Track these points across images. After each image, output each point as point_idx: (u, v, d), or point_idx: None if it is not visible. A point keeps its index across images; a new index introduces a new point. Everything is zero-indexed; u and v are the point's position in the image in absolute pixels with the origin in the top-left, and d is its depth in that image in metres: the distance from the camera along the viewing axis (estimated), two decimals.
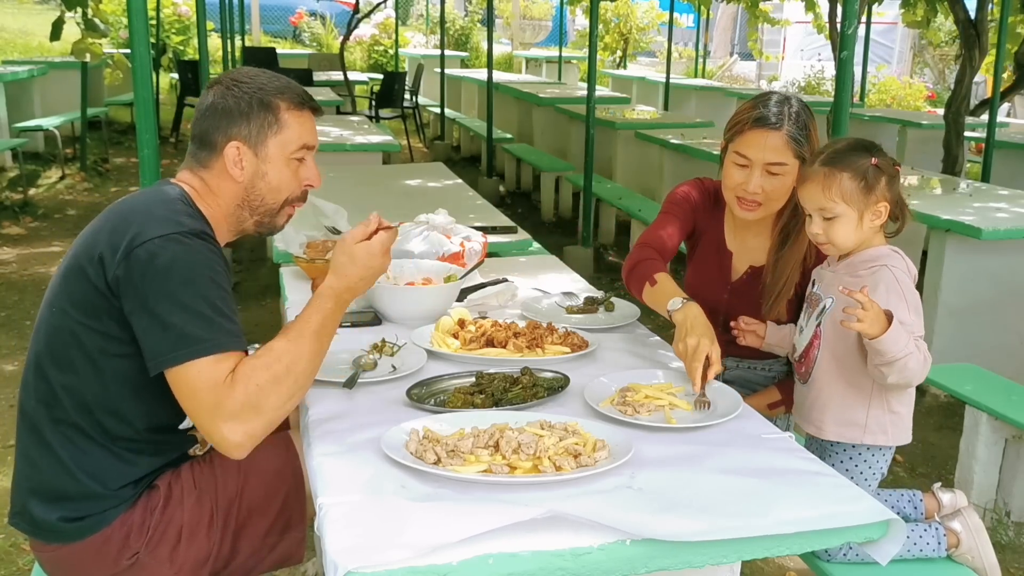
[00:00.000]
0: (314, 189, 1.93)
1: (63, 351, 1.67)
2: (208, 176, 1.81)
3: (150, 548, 1.72)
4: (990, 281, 4.16)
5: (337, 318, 1.73)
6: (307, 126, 1.86)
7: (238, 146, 1.78)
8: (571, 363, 2.04)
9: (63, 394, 1.67)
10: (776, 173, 2.17)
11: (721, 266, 2.39)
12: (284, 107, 1.82)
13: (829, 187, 1.93)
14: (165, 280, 1.58)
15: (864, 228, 1.97)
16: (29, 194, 7.65)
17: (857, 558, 1.99)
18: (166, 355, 1.56)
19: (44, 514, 1.70)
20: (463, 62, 16.50)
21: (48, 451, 1.69)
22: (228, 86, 1.81)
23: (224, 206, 1.83)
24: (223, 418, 1.54)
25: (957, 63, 7.17)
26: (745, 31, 14.19)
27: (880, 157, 1.96)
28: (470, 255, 2.64)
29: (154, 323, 1.57)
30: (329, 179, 4.32)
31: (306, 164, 1.89)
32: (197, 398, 1.55)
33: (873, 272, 1.96)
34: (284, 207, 1.88)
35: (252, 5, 17.79)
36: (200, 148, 1.82)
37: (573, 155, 7.92)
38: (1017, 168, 6.87)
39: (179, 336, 1.55)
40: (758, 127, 2.17)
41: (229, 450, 1.56)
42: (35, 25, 16.81)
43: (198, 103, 1.85)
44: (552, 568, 1.30)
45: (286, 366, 1.60)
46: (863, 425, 2.02)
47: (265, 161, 1.81)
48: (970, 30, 6.43)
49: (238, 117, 1.79)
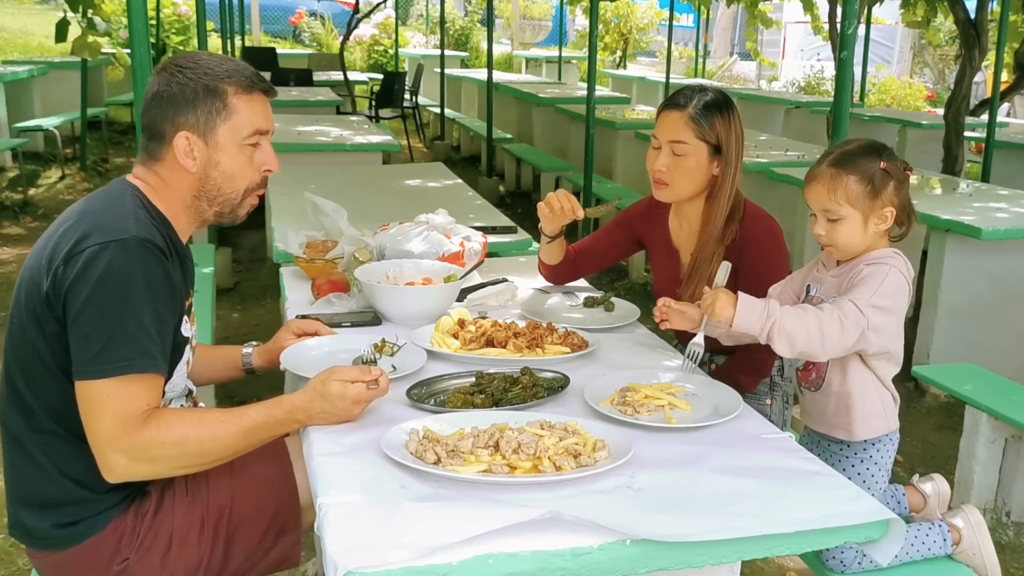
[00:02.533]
0: (273, 173, 1.85)
1: (28, 364, 1.66)
2: (161, 169, 1.75)
3: (140, 554, 1.71)
4: (990, 281, 4.16)
5: (278, 431, 1.71)
6: (258, 110, 1.78)
7: (187, 136, 1.72)
8: (571, 363, 2.04)
9: (36, 405, 1.66)
10: (678, 153, 2.29)
11: (672, 264, 2.50)
12: (232, 91, 1.73)
13: (835, 189, 1.92)
14: (96, 290, 1.55)
15: (869, 232, 1.94)
16: (29, 194, 7.64)
17: (865, 567, 1.97)
18: (81, 367, 1.55)
19: (36, 522, 1.69)
20: (463, 62, 16.50)
21: (31, 461, 1.68)
22: (173, 72, 1.73)
23: (181, 199, 1.77)
24: (118, 449, 1.56)
25: (957, 63, 7.16)
26: (745, 31, 14.19)
27: (890, 161, 1.93)
28: (470, 255, 2.64)
29: (79, 331, 1.56)
30: (329, 179, 4.33)
31: (261, 149, 1.80)
32: (98, 417, 1.55)
33: (872, 266, 1.93)
34: (245, 197, 1.82)
35: (252, 5, 17.78)
36: (150, 140, 1.76)
37: (573, 155, 7.92)
38: (1017, 168, 6.87)
39: (98, 351, 1.54)
40: (666, 109, 2.35)
41: (105, 474, 1.59)
42: (35, 25, 16.82)
43: (145, 91, 1.77)
44: (552, 568, 1.30)
45: (202, 441, 1.61)
46: (882, 414, 2.01)
47: (217, 149, 1.74)
48: (970, 30, 6.43)
49: (184, 105, 1.71)
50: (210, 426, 1.63)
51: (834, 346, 1.85)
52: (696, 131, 2.28)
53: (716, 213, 2.33)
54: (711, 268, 2.31)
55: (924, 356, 4.17)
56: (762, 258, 2.29)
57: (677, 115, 2.30)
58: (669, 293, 2.46)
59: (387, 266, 2.49)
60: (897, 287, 1.89)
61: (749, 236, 2.32)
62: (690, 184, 2.33)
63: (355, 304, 2.38)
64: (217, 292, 4.29)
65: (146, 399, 1.58)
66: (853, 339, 1.84)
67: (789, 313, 1.84)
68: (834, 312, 1.83)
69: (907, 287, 1.93)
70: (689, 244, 2.45)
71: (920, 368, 3.44)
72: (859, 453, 2.03)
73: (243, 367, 2.15)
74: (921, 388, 4.18)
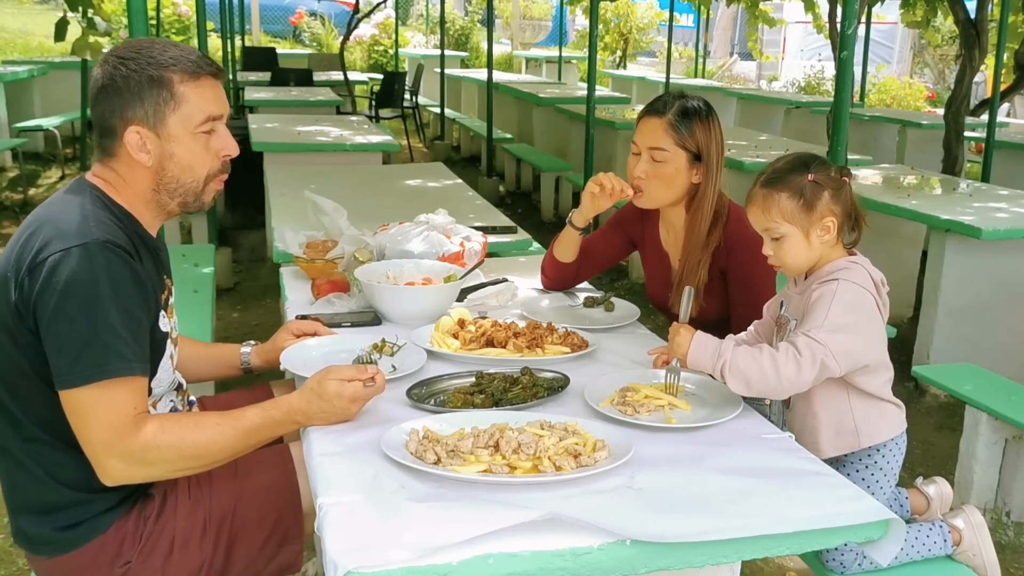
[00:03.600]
0: (232, 156, 1.79)
1: (8, 376, 1.64)
2: (117, 165, 1.71)
3: (142, 558, 1.70)
4: (990, 281, 4.16)
5: (276, 432, 1.71)
6: (207, 95, 1.71)
7: (138, 130, 1.67)
8: (571, 363, 2.04)
9: (22, 415, 1.65)
10: (658, 160, 2.29)
11: (663, 269, 2.51)
12: (178, 79, 1.67)
13: (769, 209, 1.92)
14: (63, 298, 1.53)
15: (814, 245, 1.92)
16: (29, 194, 7.65)
17: (865, 568, 1.97)
18: (60, 376, 1.54)
19: (37, 528, 1.69)
20: (463, 62, 16.50)
21: (24, 470, 1.67)
22: (115, 65, 1.67)
23: (141, 194, 1.73)
24: (114, 454, 1.56)
25: (957, 63, 7.16)
26: (745, 31, 14.19)
27: (819, 171, 1.91)
28: (470, 255, 2.64)
29: (52, 342, 1.55)
30: (329, 179, 4.33)
31: (217, 134, 1.75)
32: (88, 425, 1.55)
33: (823, 285, 1.88)
34: (207, 184, 1.77)
35: (252, 5, 17.78)
36: (101, 136, 1.71)
37: (573, 155, 7.91)
38: (1017, 168, 6.87)
39: (73, 360, 1.53)
40: (645, 115, 2.34)
41: (103, 478, 1.58)
42: (35, 25, 16.81)
43: (91, 86, 1.72)
44: (552, 568, 1.30)
45: (199, 444, 1.61)
46: (854, 431, 1.97)
47: (170, 141, 1.69)
48: (970, 30, 6.43)
49: (131, 98, 1.65)
50: (207, 430, 1.63)
51: (793, 384, 1.81)
52: (675, 138, 2.27)
53: (699, 221, 2.33)
54: (698, 275, 2.33)
55: (924, 356, 4.17)
56: (750, 260, 2.25)
57: (656, 121, 2.30)
58: (662, 296, 2.52)
59: (387, 266, 2.49)
60: (851, 301, 1.85)
61: (735, 239, 2.31)
62: (667, 191, 2.33)
63: (355, 304, 2.38)
64: (217, 292, 4.29)
65: (131, 403, 1.57)
66: (813, 373, 1.80)
67: (742, 354, 1.80)
68: (789, 350, 1.79)
69: (866, 294, 1.88)
70: (677, 249, 2.45)
71: (920, 368, 3.45)
72: (864, 459, 2.01)
73: (241, 366, 2.15)
74: (921, 388, 4.18)
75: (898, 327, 4.05)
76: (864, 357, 1.89)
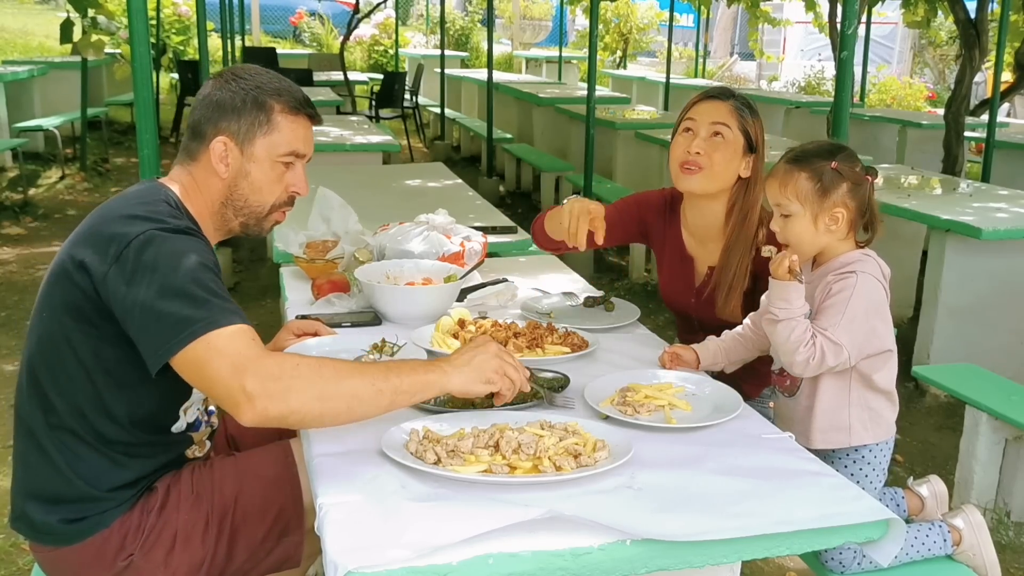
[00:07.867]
0: (301, 196, 1.89)
1: (55, 356, 1.65)
2: (195, 170, 1.79)
3: (145, 551, 1.71)
4: (990, 281, 4.16)
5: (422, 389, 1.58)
6: (299, 132, 1.82)
7: (225, 141, 1.76)
8: (571, 363, 2.04)
9: (57, 400, 1.66)
10: (719, 133, 2.25)
11: (685, 273, 2.46)
12: (279, 108, 1.79)
13: (786, 184, 1.95)
14: (152, 273, 1.53)
15: (820, 232, 1.94)
16: (29, 194, 7.65)
17: (865, 568, 1.97)
18: (167, 343, 1.48)
19: (43, 516, 1.70)
20: (463, 62, 16.50)
21: (44, 456, 1.68)
22: (227, 79, 1.80)
23: (209, 204, 1.80)
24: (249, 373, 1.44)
25: (957, 63, 7.16)
26: (745, 31, 14.19)
27: (844, 162, 1.93)
28: (470, 255, 2.64)
29: (147, 318, 1.51)
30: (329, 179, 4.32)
31: (294, 171, 1.85)
32: (213, 364, 1.46)
33: (842, 279, 1.92)
34: (271, 213, 1.86)
35: (252, 5, 17.78)
36: (191, 139, 1.80)
37: (573, 155, 7.92)
38: (1017, 168, 6.87)
39: (177, 321, 1.48)
40: (705, 99, 2.32)
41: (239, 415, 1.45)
42: (35, 25, 16.83)
43: (198, 94, 1.83)
44: (552, 568, 1.30)
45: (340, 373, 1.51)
46: (847, 428, 2.00)
47: (250, 160, 1.78)
48: (970, 30, 6.43)
49: (230, 112, 1.76)
50: (349, 365, 1.57)
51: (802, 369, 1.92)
52: (739, 120, 2.26)
53: (749, 217, 2.28)
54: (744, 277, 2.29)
55: (924, 356, 4.17)
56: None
57: (720, 103, 2.29)
58: (683, 302, 2.46)
59: (387, 266, 2.49)
60: (868, 296, 1.91)
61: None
62: (724, 172, 2.27)
63: (355, 304, 2.39)
64: None
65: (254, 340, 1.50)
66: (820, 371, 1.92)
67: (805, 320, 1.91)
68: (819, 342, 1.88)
69: (880, 287, 1.93)
70: (704, 252, 2.40)
71: (920, 368, 3.44)
72: (851, 454, 2.03)
73: None
74: (921, 388, 4.18)
75: (898, 327, 4.03)
76: (878, 346, 1.95)
